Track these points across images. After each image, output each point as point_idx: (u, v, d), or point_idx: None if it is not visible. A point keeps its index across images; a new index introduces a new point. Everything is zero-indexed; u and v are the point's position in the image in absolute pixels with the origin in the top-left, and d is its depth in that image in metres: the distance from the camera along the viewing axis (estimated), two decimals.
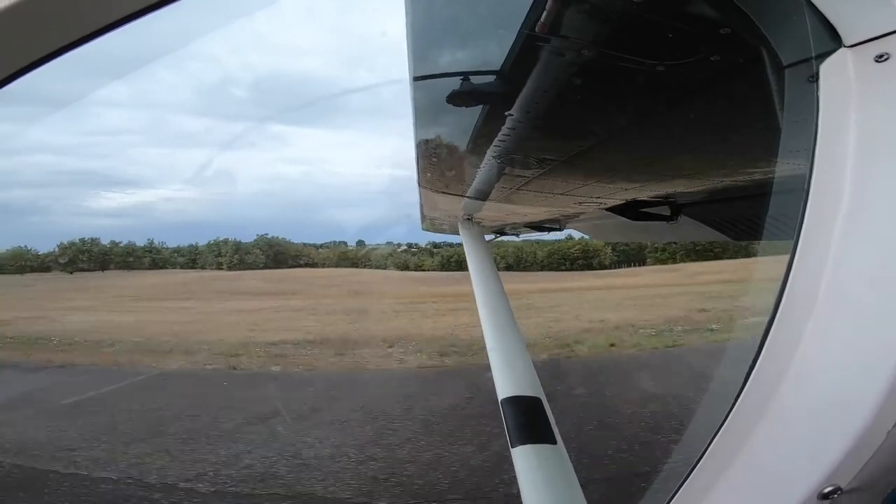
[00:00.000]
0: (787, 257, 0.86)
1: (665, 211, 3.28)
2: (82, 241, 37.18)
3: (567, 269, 36.60)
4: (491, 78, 1.52)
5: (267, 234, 40.52)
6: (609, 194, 3.01)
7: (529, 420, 2.17)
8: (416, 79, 1.66)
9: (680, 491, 0.95)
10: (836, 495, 0.79)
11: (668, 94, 1.37)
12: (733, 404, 0.90)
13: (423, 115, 1.99)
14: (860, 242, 0.78)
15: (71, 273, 34.83)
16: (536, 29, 1.14)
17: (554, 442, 2.03)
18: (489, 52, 1.41)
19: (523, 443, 2.01)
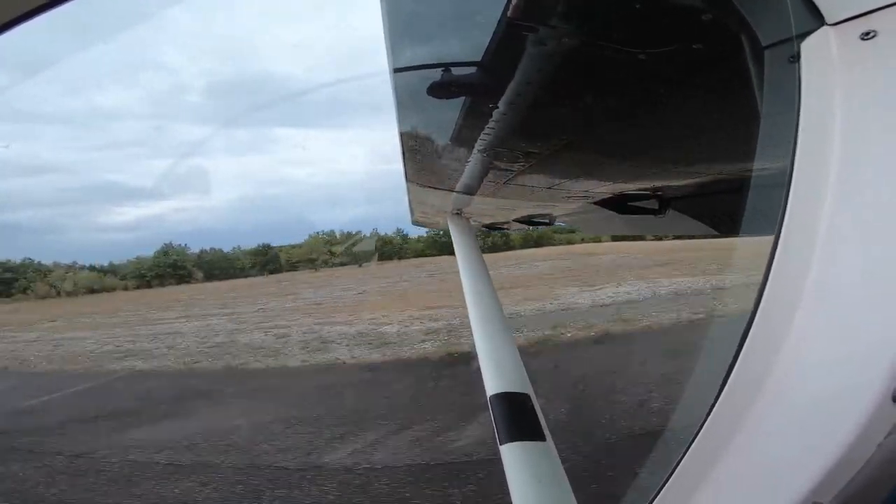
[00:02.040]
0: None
1: (653, 205, 3.27)
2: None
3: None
4: (472, 69, 1.49)
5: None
6: (596, 188, 3.00)
7: (518, 417, 2.14)
8: (395, 70, 1.63)
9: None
10: None
11: (653, 84, 1.35)
12: (707, 415, 0.84)
13: (405, 108, 1.96)
14: (848, 231, 0.73)
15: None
16: (516, 16, 1.11)
17: (543, 439, 2.01)
18: (469, 41, 1.38)
19: (512, 440, 1.99)
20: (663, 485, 0.88)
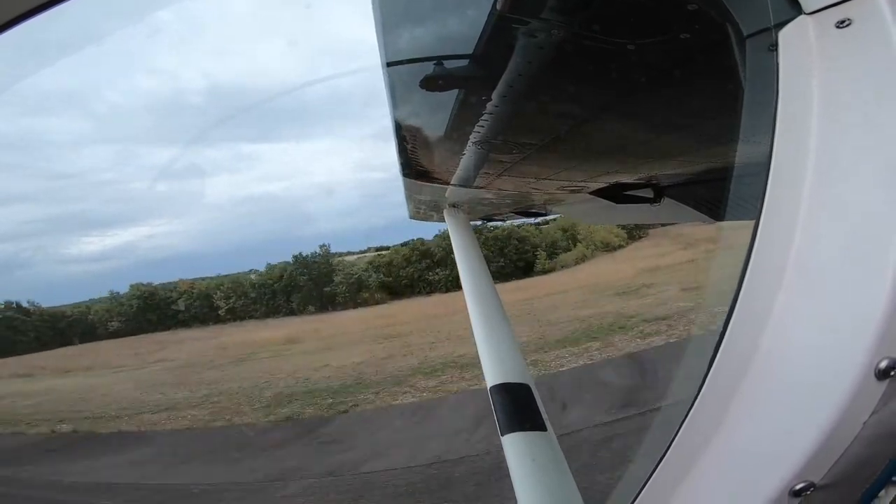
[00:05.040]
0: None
1: (648, 193, 3.29)
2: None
3: None
4: (464, 62, 1.50)
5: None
6: (591, 178, 3.01)
7: (519, 407, 2.16)
8: (388, 64, 1.65)
9: (643, 492, 0.90)
10: (809, 492, 0.74)
11: (642, 74, 1.37)
12: (695, 397, 0.84)
13: (398, 101, 1.97)
14: (827, 214, 0.74)
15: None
16: (505, 9, 1.13)
17: (544, 429, 2.03)
18: (461, 34, 1.40)
19: (513, 430, 2.00)
20: (655, 467, 0.89)
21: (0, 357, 25.86)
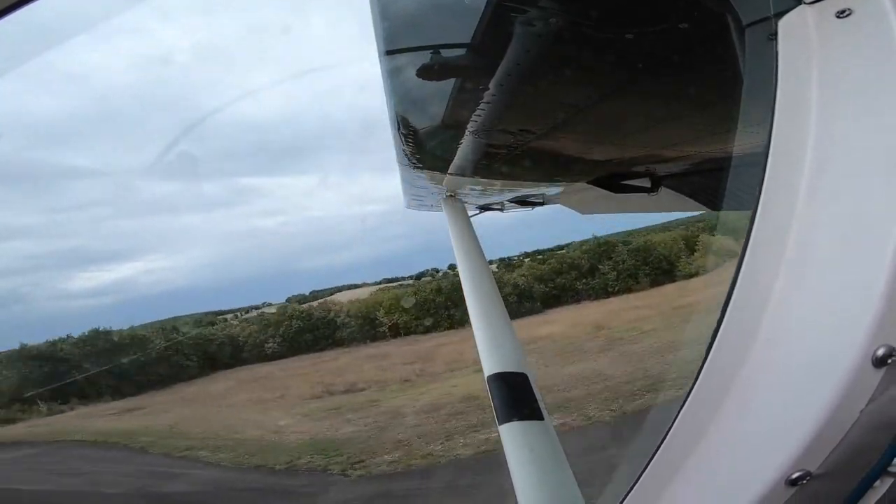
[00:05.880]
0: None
1: (646, 183, 3.29)
2: None
3: None
4: (462, 51, 1.49)
5: None
6: (589, 167, 3.01)
7: (516, 396, 2.17)
8: (386, 52, 1.63)
9: (640, 480, 0.90)
10: (805, 481, 0.73)
11: (640, 64, 1.36)
12: (693, 384, 0.84)
13: (396, 89, 1.95)
14: (825, 203, 0.74)
15: None
16: None
17: (541, 418, 2.04)
18: (459, 22, 1.38)
19: (511, 420, 2.01)
20: (654, 453, 0.89)
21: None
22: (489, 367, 2.35)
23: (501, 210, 5.42)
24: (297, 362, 22.61)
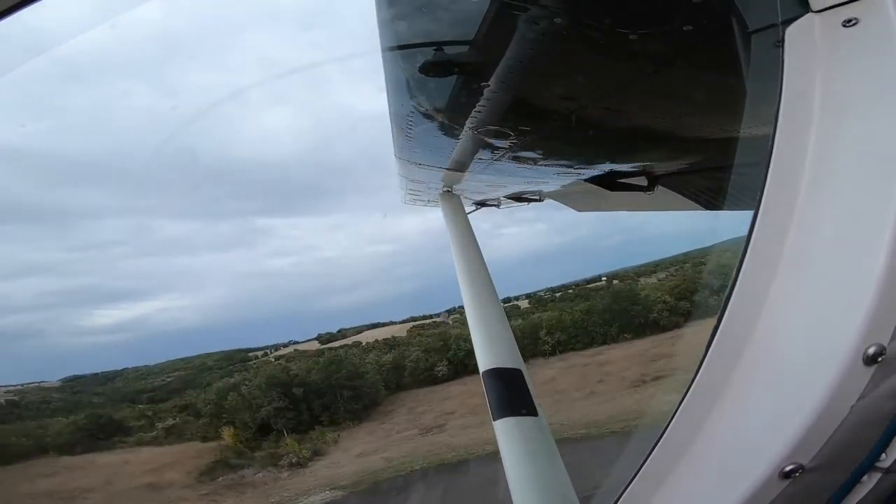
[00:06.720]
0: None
1: (642, 181, 3.29)
2: None
3: None
4: (464, 48, 1.48)
5: None
6: (587, 165, 3.01)
7: (511, 392, 2.18)
8: (387, 49, 1.62)
9: (639, 472, 0.92)
10: (797, 474, 0.75)
11: (643, 64, 1.36)
12: (691, 382, 0.86)
13: (396, 85, 1.94)
14: (823, 208, 0.76)
15: None
16: None
17: (535, 414, 2.05)
18: (462, 20, 1.38)
19: (505, 415, 2.02)
20: (652, 449, 0.92)
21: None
22: (484, 362, 2.36)
23: (498, 206, 5.40)
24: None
